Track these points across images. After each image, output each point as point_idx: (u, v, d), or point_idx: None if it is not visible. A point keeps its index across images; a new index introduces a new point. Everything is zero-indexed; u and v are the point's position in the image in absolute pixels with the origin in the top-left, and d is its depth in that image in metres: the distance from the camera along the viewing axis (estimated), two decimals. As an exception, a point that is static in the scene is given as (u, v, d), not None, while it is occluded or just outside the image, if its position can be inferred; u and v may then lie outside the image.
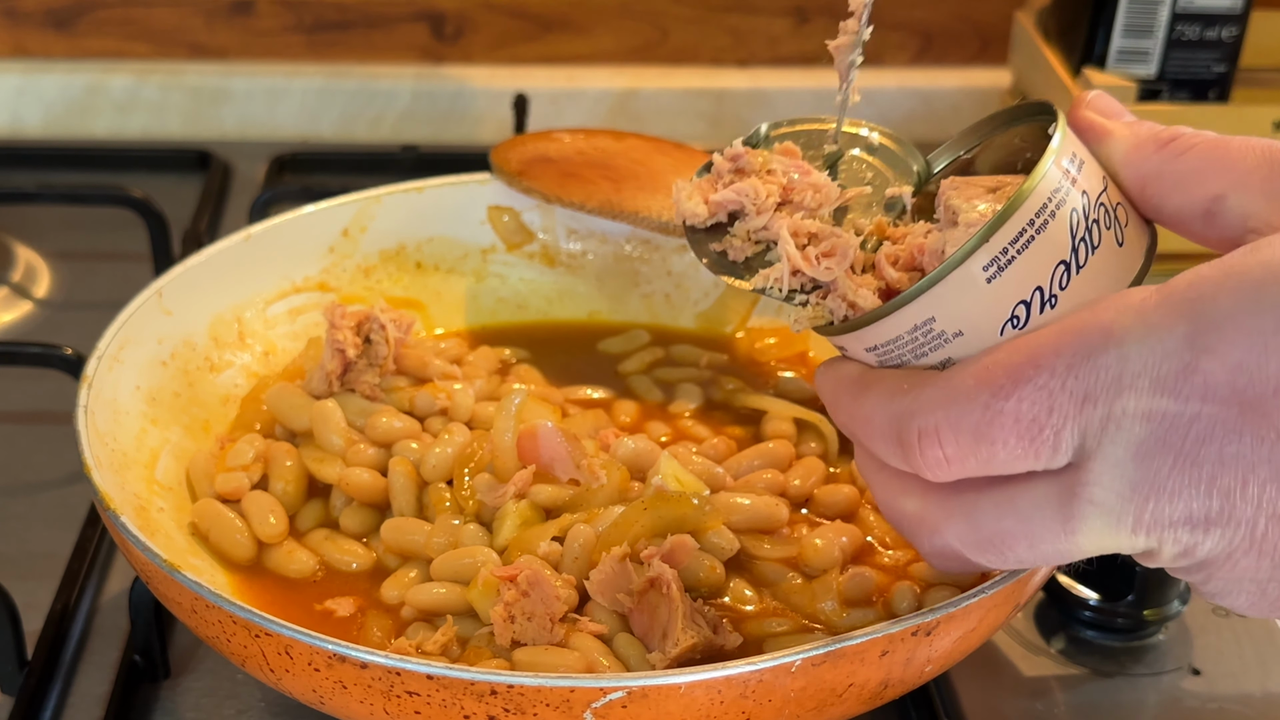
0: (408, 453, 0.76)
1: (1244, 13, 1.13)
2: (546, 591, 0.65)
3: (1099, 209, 0.55)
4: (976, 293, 0.53)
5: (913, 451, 0.53)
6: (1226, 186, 0.54)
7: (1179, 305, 0.49)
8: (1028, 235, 0.53)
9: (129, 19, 1.35)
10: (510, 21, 1.37)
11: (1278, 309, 0.48)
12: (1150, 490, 0.49)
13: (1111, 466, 0.50)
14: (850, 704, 0.62)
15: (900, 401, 0.53)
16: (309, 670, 0.60)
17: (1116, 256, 0.55)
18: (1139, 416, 0.49)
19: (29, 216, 1.18)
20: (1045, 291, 0.53)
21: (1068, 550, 0.52)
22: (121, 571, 0.82)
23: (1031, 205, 0.53)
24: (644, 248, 0.95)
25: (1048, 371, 0.50)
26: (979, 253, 0.53)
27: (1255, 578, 0.51)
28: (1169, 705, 0.74)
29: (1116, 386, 0.49)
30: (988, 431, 0.51)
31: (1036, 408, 0.50)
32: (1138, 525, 0.50)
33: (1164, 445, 0.49)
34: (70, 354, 0.90)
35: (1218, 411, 0.48)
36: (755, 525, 0.72)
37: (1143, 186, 0.56)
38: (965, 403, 0.51)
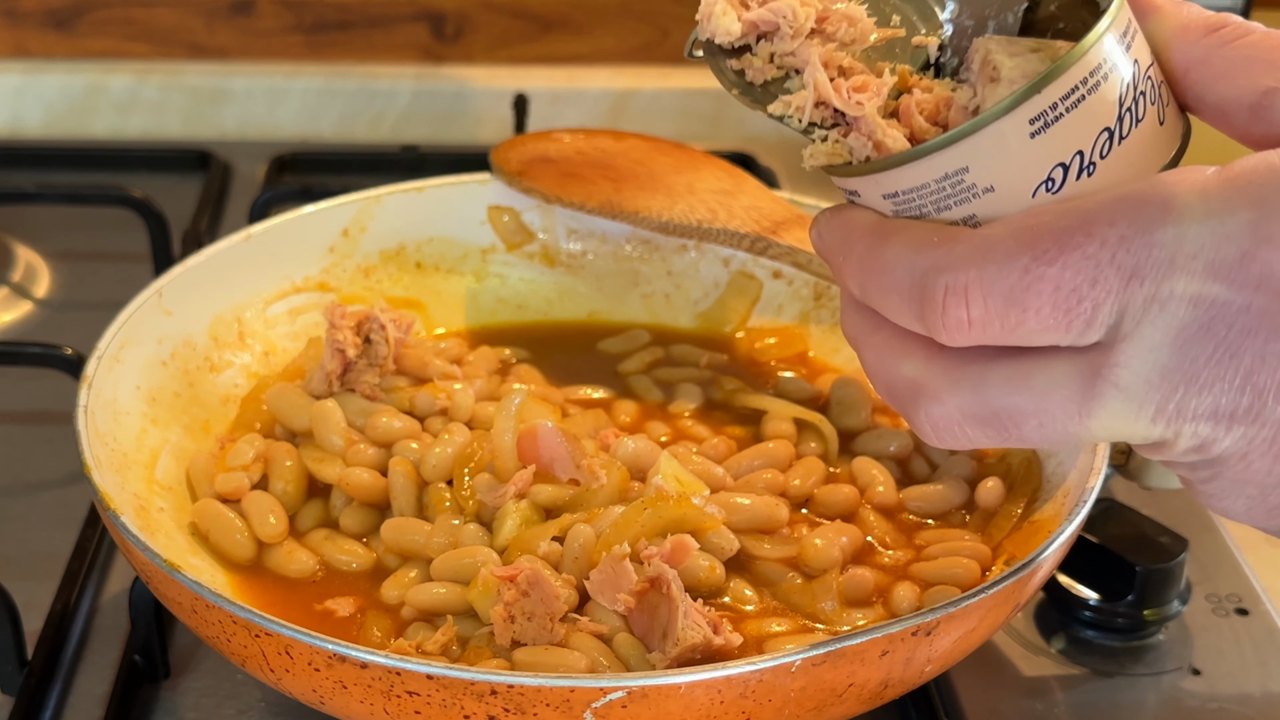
0: (408, 453, 0.76)
1: (1243, 13, 1.13)
2: (546, 591, 0.65)
3: (1146, 81, 0.52)
4: (1018, 147, 0.50)
5: (935, 309, 0.49)
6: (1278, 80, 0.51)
7: (1246, 189, 0.47)
8: (1079, 94, 0.50)
9: (129, 19, 1.35)
10: (510, 21, 1.37)
11: None
12: (1182, 378, 0.47)
13: (1146, 350, 0.47)
14: (850, 704, 0.62)
15: (929, 254, 0.49)
16: (309, 670, 0.60)
17: (1157, 134, 0.52)
18: (1187, 300, 0.46)
19: (29, 216, 1.18)
20: (1085, 157, 0.50)
21: (1077, 433, 0.49)
22: (121, 571, 0.82)
23: (1088, 63, 0.50)
24: (644, 248, 0.95)
25: (1098, 241, 0.47)
26: (1029, 103, 0.49)
27: (1263, 481, 0.49)
28: (1169, 705, 0.74)
29: (1169, 265, 0.46)
30: (1023, 297, 0.48)
31: (1080, 277, 0.47)
32: (1159, 414, 0.48)
33: (1207, 333, 0.46)
34: (70, 354, 0.90)
35: (1270, 304, 0.46)
36: (755, 525, 0.72)
37: (1186, 71, 0.53)
38: (1003, 262, 0.48)
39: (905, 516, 0.76)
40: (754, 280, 0.93)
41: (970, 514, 0.76)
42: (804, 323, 0.92)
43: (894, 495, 0.76)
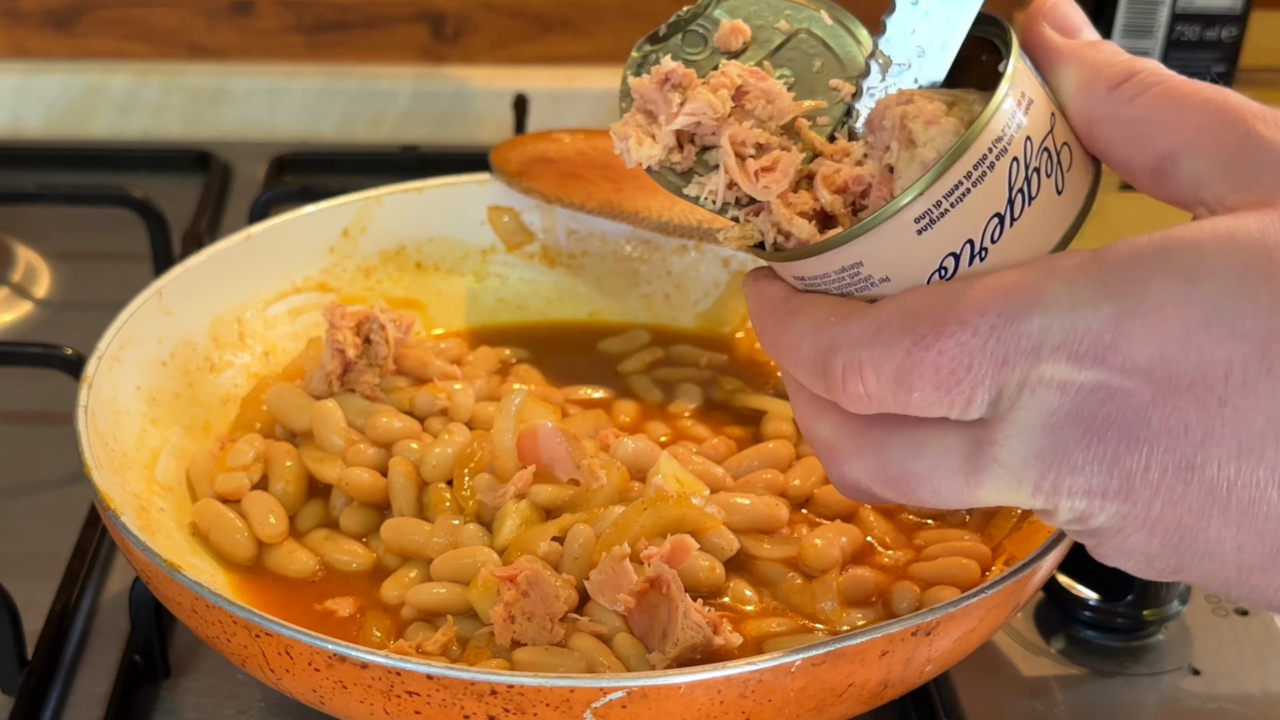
0: (408, 453, 0.76)
1: (1244, 13, 1.13)
2: (546, 591, 0.65)
3: (1042, 155, 0.53)
4: (906, 243, 0.52)
5: (835, 384, 0.52)
6: (1178, 145, 0.52)
7: (1110, 282, 0.48)
8: (964, 188, 0.51)
9: (129, 19, 1.35)
10: (510, 22, 1.37)
11: (1205, 302, 0.47)
12: (1054, 460, 0.49)
13: (1020, 431, 0.49)
14: (850, 704, 0.62)
15: (826, 333, 0.53)
16: (309, 670, 0.60)
17: (1053, 206, 0.53)
18: (1054, 386, 0.49)
19: (29, 217, 1.18)
20: (976, 244, 0.52)
21: (968, 500, 0.52)
22: (122, 571, 0.82)
23: (970, 158, 0.51)
24: (644, 248, 0.95)
25: (970, 329, 0.49)
26: (912, 205, 0.51)
27: (1145, 551, 0.51)
28: (1169, 705, 0.74)
29: (1036, 354, 0.49)
30: (907, 377, 0.50)
31: (955, 362, 0.49)
32: (1037, 490, 0.50)
33: (1074, 419, 0.49)
34: (70, 354, 0.90)
35: (1131, 394, 0.48)
36: (755, 525, 0.72)
37: (1089, 127, 0.54)
38: (889, 344, 0.51)
39: (905, 516, 0.76)
40: (754, 280, 0.93)
41: (970, 514, 0.76)
42: (804, 323, 0.92)
43: (894, 495, 0.76)
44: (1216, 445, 0.47)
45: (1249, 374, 0.47)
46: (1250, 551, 0.49)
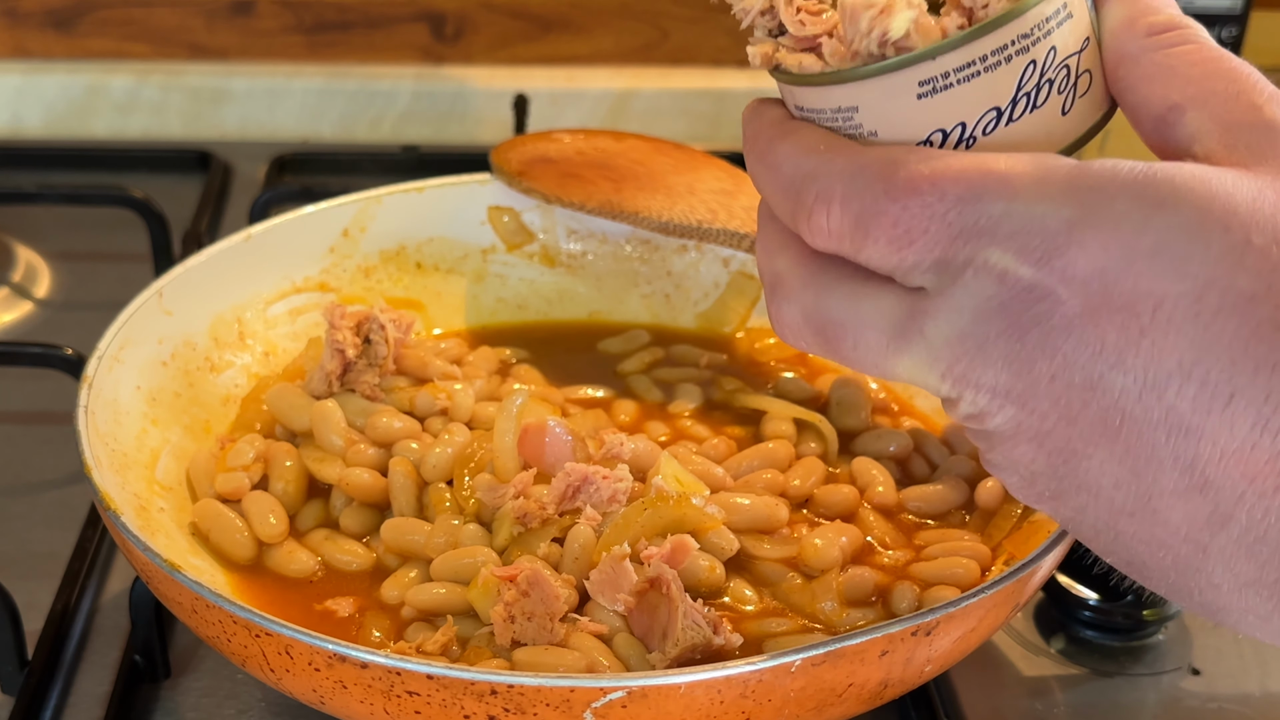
0: (408, 453, 0.76)
1: (1244, 13, 1.13)
2: (546, 591, 0.65)
3: (1060, 70, 0.53)
4: (903, 103, 0.52)
5: (803, 210, 0.53)
6: (1189, 98, 0.52)
7: (1079, 189, 0.49)
8: (974, 69, 0.51)
9: (129, 19, 1.35)
10: (510, 22, 1.37)
11: (1159, 234, 0.47)
12: (973, 347, 0.50)
13: (951, 310, 0.50)
14: (850, 704, 0.62)
15: (810, 159, 0.53)
16: (309, 670, 0.60)
17: (1053, 123, 0.53)
18: (995, 274, 0.49)
19: (29, 217, 1.18)
20: (967, 129, 0.52)
21: (884, 369, 0.53)
22: (122, 571, 0.82)
23: (991, 42, 0.51)
24: (644, 248, 0.95)
25: (938, 194, 0.50)
26: (919, 67, 0.51)
27: (1029, 466, 0.51)
28: (1169, 705, 0.74)
29: (989, 237, 0.49)
30: (867, 222, 0.51)
31: (915, 221, 0.50)
32: (947, 374, 0.51)
33: (1003, 311, 0.49)
34: (71, 354, 0.90)
35: (1063, 301, 0.48)
36: (755, 525, 0.72)
37: (1117, 64, 0.54)
38: (863, 185, 0.51)
39: (905, 517, 0.76)
40: (754, 280, 0.93)
41: (970, 514, 0.76)
42: (804, 323, 0.92)
43: (894, 495, 0.76)
44: (1124, 373, 0.48)
45: (1176, 313, 0.47)
46: (1124, 492, 0.49)
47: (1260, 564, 0.48)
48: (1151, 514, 0.49)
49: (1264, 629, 0.50)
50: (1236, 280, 0.47)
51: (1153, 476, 0.49)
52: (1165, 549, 0.50)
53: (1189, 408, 0.47)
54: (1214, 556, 0.49)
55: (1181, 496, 0.48)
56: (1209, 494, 0.48)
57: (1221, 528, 0.48)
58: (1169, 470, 0.48)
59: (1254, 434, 0.47)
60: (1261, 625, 0.50)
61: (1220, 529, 0.48)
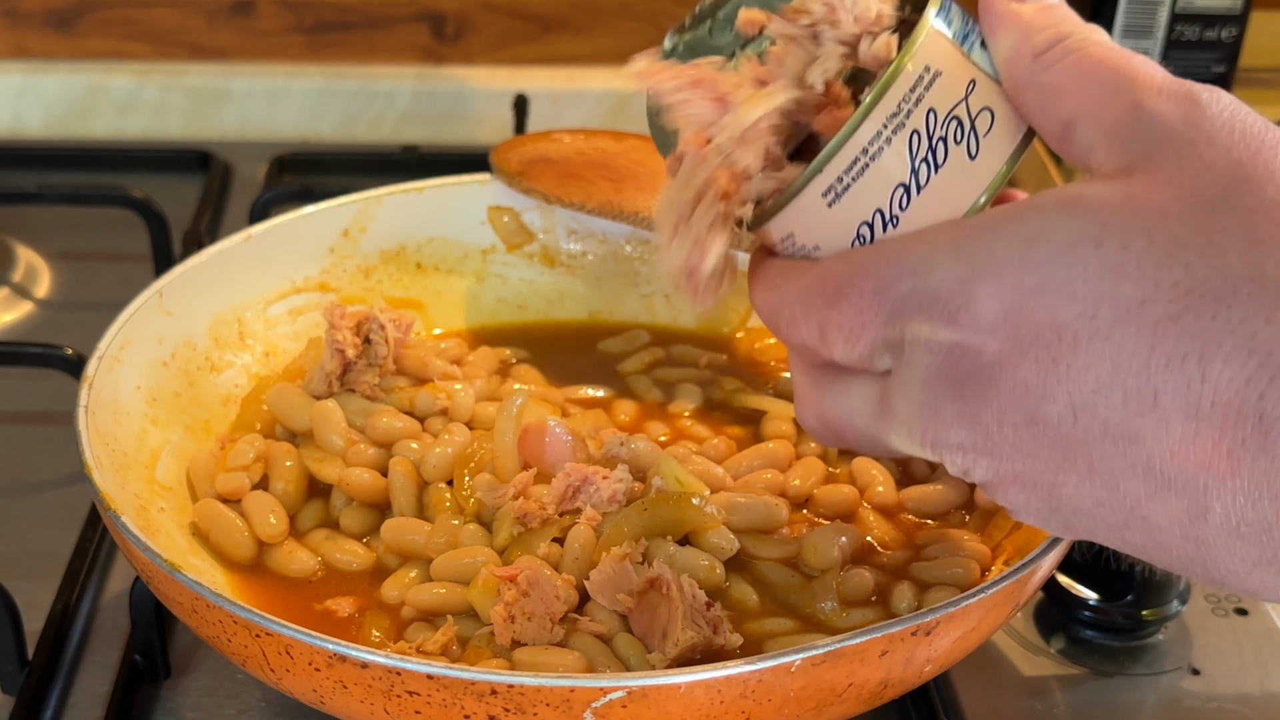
0: (408, 453, 0.76)
1: (1243, 13, 1.14)
2: (546, 591, 0.65)
3: (949, 124, 0.54)
4: (821, 215, 0.56)
5: (782, 335, 0.58)
6: (1077, 112, 0.53)
7: (964, 248, 0.51)
8: (861, 164, 0.54)
9: (129, 20, 1.35)
10: (510, 22, 1.37)
11: (1040, 267, 0.50)
12: (931, 414, 0.53)
13: (905, 386, 0.53)
14: (850, 704, 0.62)
15: (774, 293, 0.58)
16: (309, 670, 0.60)
17: (966, 172, 0.55)
18: (922, 345, 0.52)
19: (30, 217, 1.18)
20: (885, 213, 0.55)
21: (886, 448, 0.57)
22: (122, 571, 0.82)
23: (864, 135, 0.54)
24: (644, 248, 0.95)
25: (858, 292, 0.54)
26: (815, 182, 0.55)
27: (1028, 506, 0.53)
28: (1168, 705, 0.74)
29: (909, 313, 0.52)
30: (824, 332, 0.55)
31: (853, 321, 0.54)
32: (924, 442, 0.54)
33: (941, 375, 0.52)
34: (71, 354, 0.90)
35: (982, 351, 0.51)
36: (755, 525, 0.72)
37: (1014, 93, 0.56)
38: (809, 303, 0.56)
39: (905, 516, 0.76)
40: (754, 280, 0.93)
41: (970, 514, 0.76)
42: (804, 323, 0.92)
43: (894, 495, 0.76)
44: (1054, 402, 0.50)
45: (1080, 335, 0.49)
46: (1109, 508, 0.51)
47: (1255, 545, 0.49)
48: (1142, 521, 0.50)
49: None
50: (1121, 289, 0.48)
51: (1124, 488, 0.50)
52: (1171, 548, 0.51)
53: (1121, 417, 0.49)
54: (1214, 546, 0.50)
55: (1158, 499, 0.49)
56: (1178, 490, 0.49)
57: (1204, 519, 0.49)
58: (1133, 479, 0.50)
59: (1190, 424, 0.48)
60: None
61: (1203, 520, 0.49)
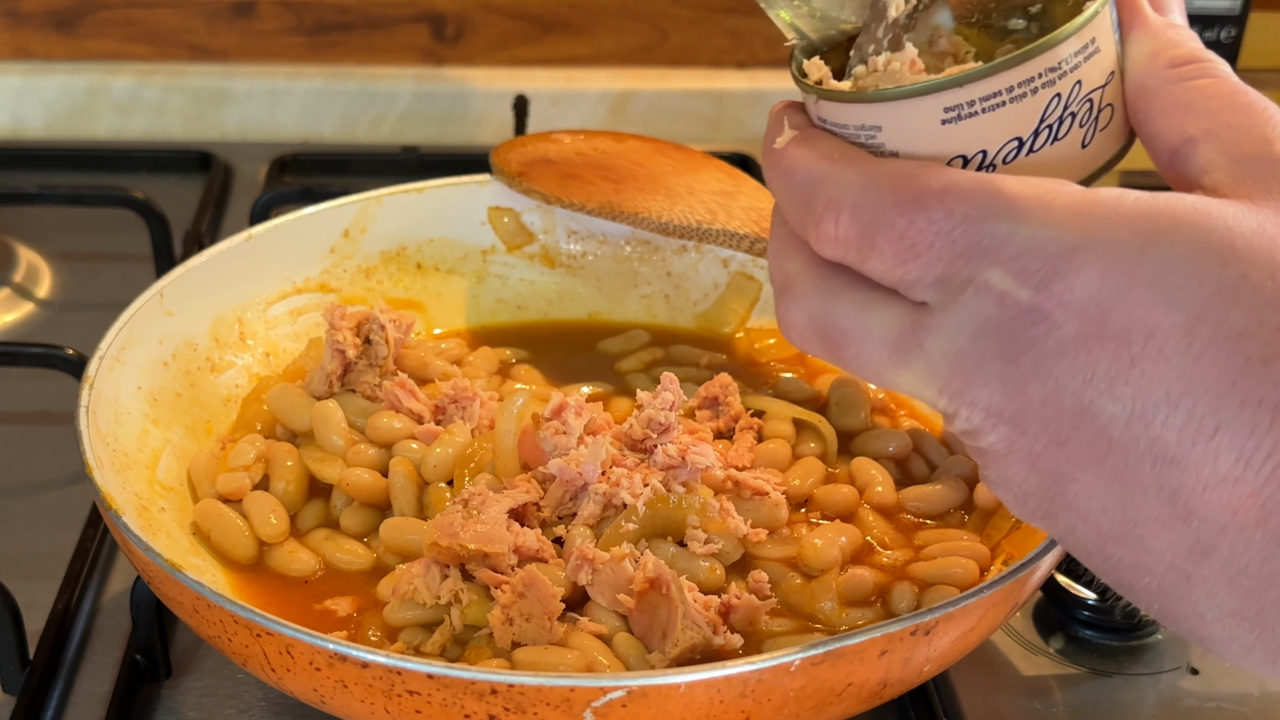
0: (408, 453, 0.76)
1: (1243, 14, 1.14)
2: (543, 592, 0.65)
3: (1084, 104, 0.54)
4: (927, 127, 0.53)
5: (813, 217, 0.53)
6: (1202, 132, 0.53)
7: (1082, 217, 0.49)
8: (1000, 99, 0.52)
9: (130, 20, 1.35)
10: (510, 23, 1.37)
11: (1157, 264, 0.48)
12: (970, 365, 0.50)
13: (952, 327, 0.51)
14: (849, 703, 0.62)
15: (823, 166, 0.54)
16: (310, 670, 0.60)
17: (1072, 155, 0.54)
18: (994, 294, 0.50)
19: (31, 217, 1.18)
20: (988, 156, 0.53)
21: (884, 379, 0.54)
22: (123, 571, 0.82)
23: (1019, 74, 0.52)
24: (644, 248, 0.96)
25: (945, 211, 0.50)
26: (946, 93, 0.52)
27: (1022, 485, 0.52)
28: (1167, 705, 0.74)
29: (991, 257, 0.50)
30: (874, 234, 0.52)
31: (920, 236, 0.51)
32: (944, 390, 0.51)
33: (1001, 332, 0.50)
34: (72, 354, 0.91)
35: (1059, 326, 0.49)
36: (755, 525, 0.73)
37: (1137, 96, 0.55)
38: (872, 198, 0.52)
39: (904, 517, 0.77)
40: (753, 281, 0.94)
41: (969, 514, 0.77)
42: (803, 323, 0.92)
43: (893, 495, 0.77)
44: (1113, 400, 0.48)
45: (1168, 344, 0.47)
46: (1111, 517, 0.50)
47: (1242, 596, 0.48)
48: (1137, 540, 0.50)
49: (1248, 658, 0.50)
50: (1229, 314, 0.47)
51: (1137, 504, 0.49)
52: (1151, 575, 0.50)
53: (1174, 438, 0.48)
54: (1197, 585, 0.49)
55: (1165, 525, 0.49)
56: (1192, 524, 0.48)
57: (1204, 558, 0.49)
58: (1153, 499, 0.49)
59: (1237, 468, 0.47)
60: (1245, 655, 0.50)
61: (1203, 559, 0.49)
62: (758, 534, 0.72)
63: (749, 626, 0.67)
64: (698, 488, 0.72)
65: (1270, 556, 0.48)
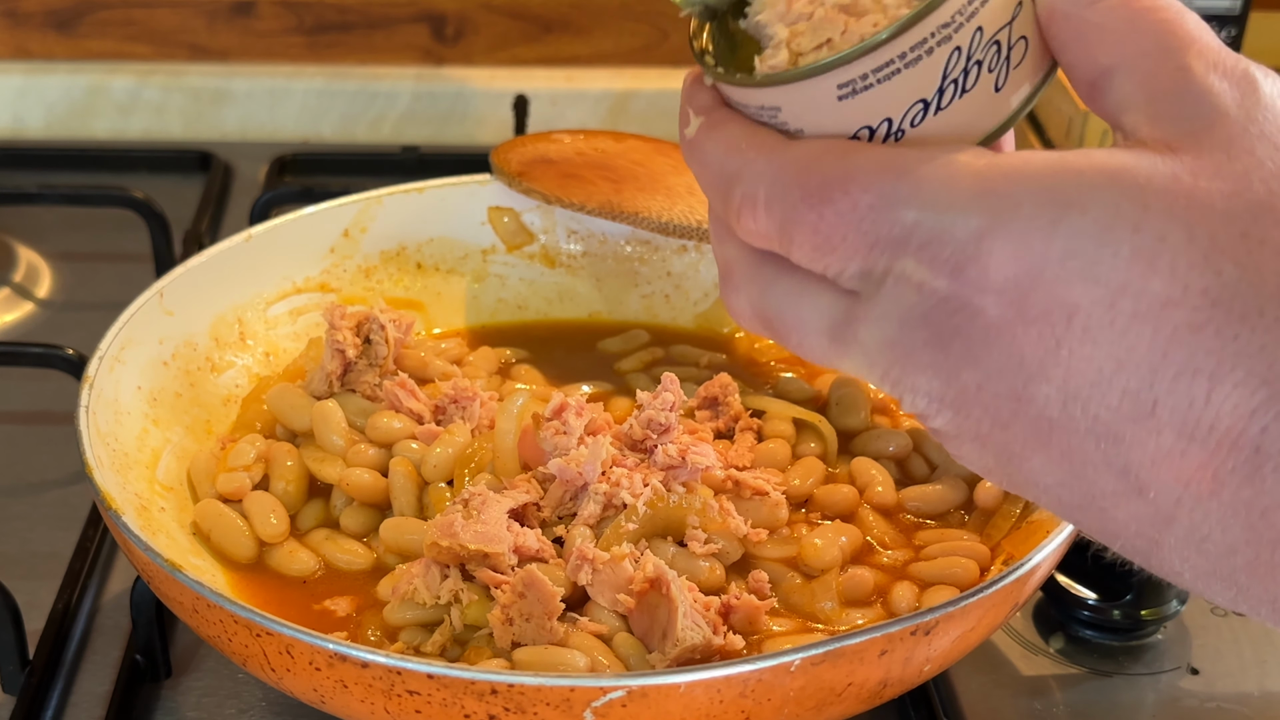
0: (408, 453, 0.76)
1: (1243, 13, 1.13)
2: (543, 592, 0.65)
3: (990, 48, 0.50)
4: (825, 104, 0.51)
5: (731, 211, 0.52)
6: (1118, 61, 0.50)
7: (986, 195, 0.47)
8: (894, 68, 0.49)
9: (130, 20, 1.35)
10: (510, 23, 1.37)
11: (1069, 239, 0.46)
12: (903, 354, 0.49)
13: (879, 318, 0.49)
14: (849, 703, 0.62)
15: (733, 160, 0.52)
16: (310, 669, 0.60)
17: (986, 100, 0.51)
18: (912, 284, 0.48)
19: (31, 217, 1.18)
20: (894, 124, 0.51)
21: (832, 363, 0.52)
22: (123, 571, 0.82)
23: (909, 39, 0.49)
24: (644, 248, 0.96)
25: (851, 201, 0.49)
26: (834, 72, 0.50)
27: (979, 462, 0.50)
28: (1167, 704, 0.74)
29: (903, 246, 0.48)
30: (790, 228, 0.50)
31: (831, 229, 0.49)
32: (884, 378, 0.50)
33: (925, 320, 0.48)
34: (72, 354, 0.91)
35: (981, 311, 0.47)
36: (755, 525, 0.73)
37: (1049, 22, 0.52)
38: (782, 190, 0.50)
39: (904, 516, 0.77)
40: (754, 281, 0.93)
41: (969, 514, 0.77)
42: (803, 323, 0.92)
43: (893, 495, 0.77)
44: (1045, 383, 0.47)
45: (1091, 322, 0.46)
46: (1070, 491, 0.49)
47: (1212, 560, 0.47)
48: (1099, 512, 0.49)
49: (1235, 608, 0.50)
50: (1150, 284, 0.45)
51: (1091, 480, 0.48)
52: (1122, 539, 0.49)
53: (1113, 417, 0.46)
54: (1168, 550, 0.48)
55: (1123, 498, 0.48)
56: (1148, 496, 0.47)
57: (1167, 527, 0.47)
58: (1105, 475, 0.47)
59: (1180, 442, 0.45)
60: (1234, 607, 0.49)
61: (1166, 528, 0.47)
62: (758, 534, 0.72)
63: (749, 626, 0.67)
64: (698, 488, 0.72)
65: (1228, 526, 0.46)
